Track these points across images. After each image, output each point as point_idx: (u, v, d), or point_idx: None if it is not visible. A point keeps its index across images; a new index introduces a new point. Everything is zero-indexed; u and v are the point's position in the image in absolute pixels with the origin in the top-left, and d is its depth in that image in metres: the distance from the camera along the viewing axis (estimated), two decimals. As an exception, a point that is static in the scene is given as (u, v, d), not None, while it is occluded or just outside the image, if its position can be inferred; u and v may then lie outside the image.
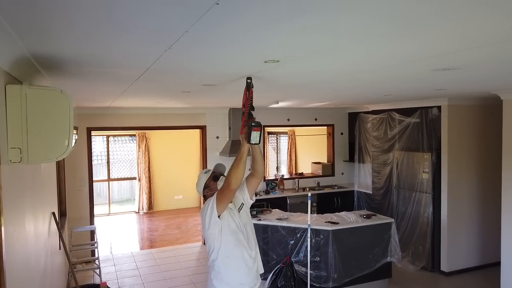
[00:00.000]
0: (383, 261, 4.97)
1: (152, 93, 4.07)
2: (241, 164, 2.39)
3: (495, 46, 1.90)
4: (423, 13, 1.35)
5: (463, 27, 1.53)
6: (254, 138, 2.40)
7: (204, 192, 2.74)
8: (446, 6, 1.26)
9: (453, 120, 5.41)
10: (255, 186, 2.78)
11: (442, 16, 1.38)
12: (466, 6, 1.27)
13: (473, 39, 1.74)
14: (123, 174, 10.40)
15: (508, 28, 1.56)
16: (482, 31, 1.60)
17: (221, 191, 2.49)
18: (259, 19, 1.39)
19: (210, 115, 6.97)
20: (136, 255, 6.65)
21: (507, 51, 2.03)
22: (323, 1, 1.21)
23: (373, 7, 1.27)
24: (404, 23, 1.47)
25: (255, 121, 2.43)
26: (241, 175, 2.41)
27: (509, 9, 1.30)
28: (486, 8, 1.29)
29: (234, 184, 2.39)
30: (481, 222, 5.66)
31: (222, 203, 2.48)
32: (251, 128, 2.38)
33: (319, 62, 2.29)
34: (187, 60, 2.17)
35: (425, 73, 2.77)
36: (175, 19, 1.39)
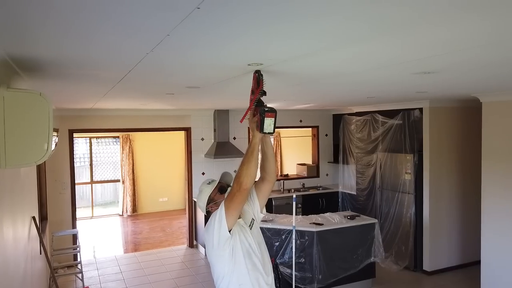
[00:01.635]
0: (367, 261, 5.03)
1: (136, 95, 4.03)
2: (253, 159, 1.98)
3: (473, 51, 1.94)
4: (403, 19, 1.37)
5: (441, 32, 1.56)
6: (268, 127, 1.97)
7: (208, 208, 2.26)
8: (424, 12, 1.29)
9: (434, 122, 5.51)
10: (267, 193, 2.31)
11: (421, 21, 1.41)
12: (445, 12, 1.29)
13: (452, 44, 1.78)
14: (106, 176, 10.27)
15: (486, 34, 1.60)
16: (460, 36, 1.63)
17: (231, 196, 2.02)
18: (240, 24, 1.39)
19: (195, 117, 6.94)
20: (120, 259, 6.56)
21: (484, 56, 2.08)
22: (305, 7, 1.22)
23: (353, 12, 1.28)
24: (384, 27, 1.49)
25: (269, 107, 2.02)
26: (254, 172, 1.99)
27: (486, 15, 1.33)
28: (465, 14, 1.32)
29: (246, 183, 1.95)
30: (462, 222, 5.78)
31: (234, 211, 2.00)
32: (264, 114, 1.96)
33: (302, 65, 2.30)
34: (169, 63, 2.16)
35: (405, 76, 2.81)
36: (156, 22, 1.38)
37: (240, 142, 7.23)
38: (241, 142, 7.24)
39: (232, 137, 7.18)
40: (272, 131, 2.01)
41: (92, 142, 9.83)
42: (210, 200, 2.26)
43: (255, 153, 2.01)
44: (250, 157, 1.99)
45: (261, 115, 1.98)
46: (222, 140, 6.96)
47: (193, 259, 6.48)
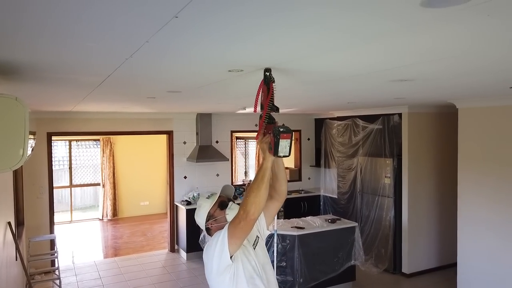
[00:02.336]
0: (347, 264, 5.09)
1: (116, 99, 3.99)
2: (264, 186, 1.76)
3: (448, 61, 2.00)
4: (379, 30, 1.41)
5: (416, 43, 1.61)
6: (283, 149, 1.75)
7: (208, 225, 2.06)
8: (400, 24, 1.33)
9: (413, 127, 5.63)
10: (274, 212, 2.16)
11: (396, 33, 1.45)
12: (419, 24, 1.33)
13: (426, 54, 1.83)
14: (86, 180, 10.08)
15: (459, 44, 1.66)
16: (434, 47, 1.69)
17: (235, 223, 1.80)
18: (219, 32, 1.41)
19: (177, 120, 6.90)
20: (99, 264, 6.45)
21: (458, 65, 2.15)
22: (283, 18, 1.24)
23: (332, 23, 1.31)
24: (360, 38, 1.52)
25: (284, 126, 1.78)
26: (263, 200, 1.77)
27: (458, 27, 1.38)
28: (438, 26, 1.37)
29: (254, 213, 1.74)
30: (439, 225, 5.91)
31: (237, 240, 1.82)
32: (279, 135, 1.73)
33: (284, 72, 2.33)
34: (149, 68, 2.15)
35: (384, 83, 2.88)
36: (135, 30, 1.38)
37: (223, 146, 7.22)
38: (224, 146, 7.24)
39: (215, 140, 7.17)
40: (288, 154, 1.77)
41: (71, 145, 9.65)
42: (209, 217, 2.06)
43: (266, 178, 1.77)
44: (260, 183, 1.76)
45: (275, 136, 1.74)
46: (204, 144, 6.94)
47: (174, 264, 6.42)
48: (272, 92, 1.87)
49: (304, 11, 1.19)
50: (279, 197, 2.10)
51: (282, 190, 2.09)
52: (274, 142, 1.75)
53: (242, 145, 11.12)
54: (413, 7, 1.14)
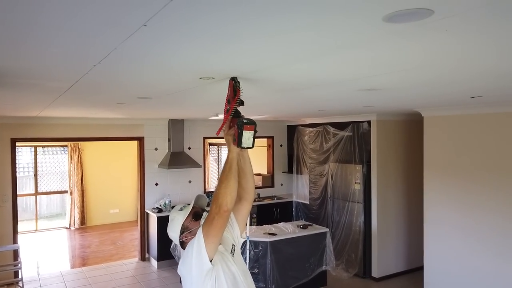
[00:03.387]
0: (319, 269, 5.15)
1: (85, 104, 3.90)
2: (232, 176, 1.77)
3: (410, 72, 2.09)
4: (345, 43, 1.45)
5: (379, 55, 1.67)
6: (247, 140, 1.77)
7: (182, 238, 1.94)
8: (363, 38, 1.38)
9: (381, 134, 5.80)
10: (246, 214, 2.09)
11: (361, 45, 1.50)
12: (380, 38, 1.39)
13: (389, 65, 1.90)
14: (53, 187, 9.73)
15: (419, 57, 1.73)
16: (397, 59, 1.76)
17: (209, 220, 1.75)
18: (188, 41, 1.41)
19: (148, 126, 6.80)
20: (66, 275, 6.23)
21: (420, 76, 2.24)
22: (253, 29, 1.26)
23: (298, 36, 1.34)
24: (327, 49, 1.57)
25: (247, 118, 1.81)
26: (235, 190, 1.77)
27: (418, 42, 1.45)
28: (397, 40, 1.43)
29: (227, 204, 1.71)
30: (407, 229, 6.08)
31: (214, 238, 1.75)
32: (242, 126, 1.75)
33: (254, 80, 2.35)
34: (118, 75, 2.12)
35: (352, 92, 2.96)
36: (102, 38, 1.36)
37: (196, 152, 7.17)
38: (197, 152, 7.19)
39: (187, 147, 7.11)
40: (251, 145, 1.80)
41: (37, 151, 9.31)
42: (183, 229, 1.95)
43: (233, 169, 1.80)
44: (228, 174, 1.77)
45: (239, 127, 1.76)
46: (176, 150, 6.86)
47: (145, 273, 6.29)
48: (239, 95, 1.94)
49: (271, 24, 1.21)
50: (248, 195, 2.05)
51: (250, 187, 2.04)
52: (238, 133, 1.76)
53: (215, 151, 11.07)
54: (375, 22, 1.18)
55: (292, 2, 1.03)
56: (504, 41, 1.46)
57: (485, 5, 1.06)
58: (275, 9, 1.08)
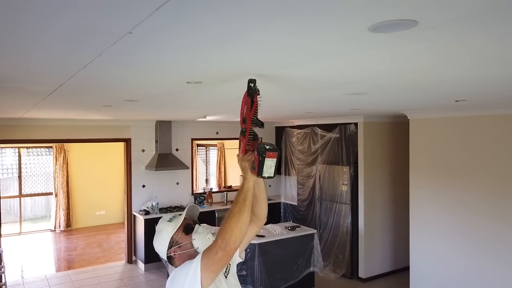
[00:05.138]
0: (307, 271, 5.17)
1: (70, 106, 3.84)
2: (246, 209, 1.54)
3: (394, 78, 2.11)
4: (332, 50, 1.47)
5: (365, 62, 1.69)
6: (268, 169, 1.53)
7: (170, 252, 1.75)
8: (349, 46, 1.39)
9: (368, 136, 5.85)
10: (251, 238, 1.91)
11: (347, 53, 1.51)
12: (368, 47, 1.40)
13: (374, 72, 1.92)
14: (37, 189, 9.57)
15: (404, 64, 1.75)
16: (382, 66, 1.78)
17: (211, 254, 1.54)
18: (173, 46, 1.41)
19: (135, 128, 6.74)
20: (51, 278, 6.13)
21: (405, 82, 2.27)
22: (241, 38, 1.26)
23: (285, 42, 1.35)
24: (315, 56, 1.57)
25: (269, 143, 1.57)
26: (245, 227, 1.55)
27: (403, 50, 1.47)
28: (385, 48, 1.44)
29: (235, 242, 1.50)
30: (394, 230, 6.15)
31: (212, 273, 1.56)
32: (265, 154, 1.51)
33: (242, 84, 2.34)
34: (103, 79, 2.10)
35: (339, 95, 2.98)
36: (87, 44, 1.35)
37: (183, 154, 7.13)
38: (184, 154, 7.15)
39: (175, 148, 7.06)
40: (273, 175, 1.55)
41: (21, 153, 9.14)
42: (172, 243, 1.75)
43: (248, 201, 1.56)
44: (242, 207, 1.54)
45: (260, 154, 1.52)
46: (164, 152, 6.81)
47: (132, 276, 6.23)
48: (256, 105, 1.62)
49: (258, 34, 1.21)
50: (259, 221, 1.85)
51: (262, 214, 1.84)
52: (259, 161, 1.52)
53: (203, 153, 11.03)
54: (361, 31, 1.19)
55: (277, 10, 1.03)
56: (482, 50, 1.49)
57: (466, 18, 1.08)
58: (257, 15, 1.08)
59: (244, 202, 1.55)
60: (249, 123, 1.60)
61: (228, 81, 2.19)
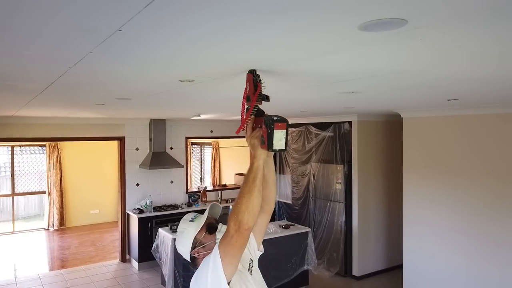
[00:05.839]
0: (301, 269, 5.18)
1: (62, 104, 3.82)
2: (256, 188, 1.46)
3: (385, 77, 2.12)
4: (323, 49, 1.47)
5: (356, 61, 1.69)
6: (278, 142, 1.45)
7: (194, 253, 1.73)
8: (340, 45, 1.39)
9: (362, 135, 5.87)
10: (265, 227, 1.89)
11: (338, 52, 1.51)
12: (358, 46, 1.40)
13: (366, 71, 1.93)
14: (30, 187, 9.51)
15: (395, 63, 1.76)
16: (373, 65, 1.78)
17: (227, 239, 1.48)
18: (164, 44, 1.40)
19: (129, 126, 6.71)
20: (44, 277, 6.09)
21: (396, 81, 2.28)
22: (230, 31, 1.26)
23: (281, 41, 1.35)
24: (307, 55, 1.58)
25: (276, 115, 1.49)
26: (258, 206, 1.48)
27: (393, 49, 1.47)
28: (376, 47, 1.45)
29: (248, 222, 1.44)
30: (387, 229, 6.19)
31: (232, 258, 1.50)
32: (273, 125, 1.43)
33: (234, 82, 2.34)
34: (95, 77, 2.09)
35: (332, 94, 2.98)
36: (76, 42, 1.34)
37: (177, 152, 7.11)
38: (178, 152, 7.13)
39: (169, 147, 7.04)
40: (284, 147, 1.47)
41: (14, 151, 9.07)
42: (196, 244, 1.71)
43: (258, 180, 1.48)
44: (252, 186, 1.46)
45: (268, 126, 1.44)
46: (158, 150, 6.80)
47: (126, 275, 6.21)
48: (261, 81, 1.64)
49: (248, 32, 1.21)
50: (268, 207, 1.77)
51: (271, 198, 1.77)
52: (268, 133, 1.44)
53: (198, 151, 11.02)
54: (351, 30, 1.20)
55: (267, 8, 1.03)
56: (473, 49, 1.49)
57: (455, 16, 1.09)
58: (247, 13, 1.08)
59: (254, 181, 1.47)
60: (255, 99, 1.58)
61: (220, 79, 2.19)
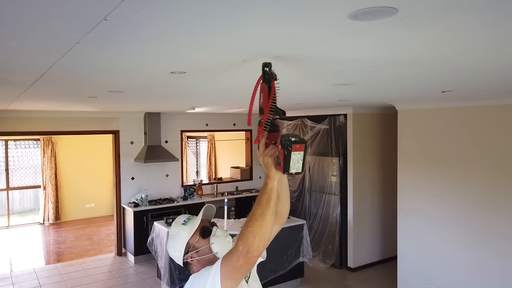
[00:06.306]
0: (296, 261, 5.20)
1: (54, 98, 3.78)
2: (270, 212, 1.36)
3: (378, 68, 2.10)
4: (313, 39, 1.45)
5: (347, 51, 1.68)
6: (295, 164, 1.32)
7: (187, 258, 1.62)
8: (330, 34, 1.37)
9: (357, 127, 5.87)
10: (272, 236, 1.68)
11: (329, 42, 1.50)
12: (349, 35, 1.39)
13: (357, 61, 1.91)
14: (25, 182, 9.47)
15: (385, 54, 1.75)
16: (364, 55, 1.76)
17: (232, 261, 1.39)
18: (151, 35, 1.38)
19: (123, 120, 6.67)
20: (39, 271, 6.09)
21: (389, 72, 2.26)
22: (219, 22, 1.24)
23: (271, 31, 1.33)
24: (296, 45, 1.56)
25: (294, 135, 1.35)
26: (270, 230, 1.37)
27: (384, 39, 1.46)
28: (366, 37, 1.43)
29: (258, 248, 1.34)
30: (382, 220, 6.21)
31: (233, 282, 1.42)
32: (291, 147, 1.31)
33: (227, 74, 2.32)
34: (84, 68, 2.06)
35: (327, 86, 2.97)
36: (63, 32, 1.31)
37: (173, 146, 7.09)
38: (174, 146, 7.11)
39: (164, 140, 7.02)
40: (301, 170, 1.34)
41: (8, 145, 9.01)
42: (189, 248, 1.62)
43: (272, 203, 1.37)
44: (265, 208, 1.35)
45: (285, 148, 1.31)
46: (153, 144, 6.77)
47: (122, 268, 6.22)
48: (274, 92, 1.41)
49: (238, 23, 1.19)
50: (281, 220, 1.67)
51: (284, 212, 1.68)
52: (284, 155, 1.31)
53: (194, 145, 10.99)
54: (342, 19, 1.18)
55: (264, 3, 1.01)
56: (465, 37, 1.48)
57: (446, 3, 1.07)
58: (236, 4, 1.06)
59: (268, 203, 1.36)
60: (267, 113, 1.39)
61: (212, 72, 2.17)
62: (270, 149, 1.39)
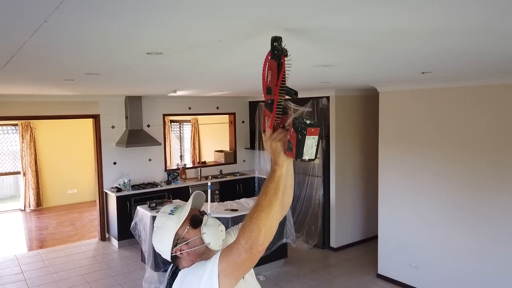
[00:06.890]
0: (280, 242, 5.26)
1: (29, 81, 3.66)
2: (277, 202, 1.23)
3: (360, 48, 2.09)
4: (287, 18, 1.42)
5: (322, 32, 1.66)
6: (309, 150, 1.20)
7: (175, 251, 1.48)
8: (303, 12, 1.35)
9: (339, 109, 5.90)
10: None
11: (300, 21, 1.48)
12: (322, 14, 1.37)
13: (333, 42, 1.90)
14: (4, 168, 9.26)
15: (361, 35, 1.73)
16: (340, 36, 1.75)
17: (233, 256, 1.27)
18: (122, 12, 1.33)
19: (104, 104, 6.54)
20: (21, 258, 6.02)
21: (369, 54, 2.26)
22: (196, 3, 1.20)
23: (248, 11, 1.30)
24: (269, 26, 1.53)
25: (308, 117, 1.25)
26: (276, 223, 1.26)
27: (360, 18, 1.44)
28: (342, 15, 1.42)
29: (263, 242, 1.22)
30: (364, 201, 6.32)
31: (233, 279, 1.30)
32: (305, 130, 1.18)
33: (205, 55, 2.28)
34: (55, 49, 1.99)
35: (308, 68, 2.95)
36: (29, 10, 1.25)
37: (155, 130, 7.01)
38: (156, 130, 7.03)
39: (146, 124, 6.93)
40: (314, 157, 1.21)
41: (-15, 131, 8.77)
42: (178, 240, 1.47)
43: (281, 192, 1.24)
44: (273, 198, 1.22)
45: (299, 131, 1.18)
46: (135, 128, 6.68)
47: (105, 253, 6.20)
48: (284, 70, 1.26)
49: None
50: (283, 211, 1.50)
51: (287, 203, 1.52)
52: (297, 139, 1.18)
53: (177, 129, 10.89)
54: (315, -4, 1.16)
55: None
56: (441, 20, 1.47)
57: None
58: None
59: (276, 192, 1.23)
60: (277, 93, 1.25)
61: (189, 52, 2.12)
62: (279, 133, 1.28)
